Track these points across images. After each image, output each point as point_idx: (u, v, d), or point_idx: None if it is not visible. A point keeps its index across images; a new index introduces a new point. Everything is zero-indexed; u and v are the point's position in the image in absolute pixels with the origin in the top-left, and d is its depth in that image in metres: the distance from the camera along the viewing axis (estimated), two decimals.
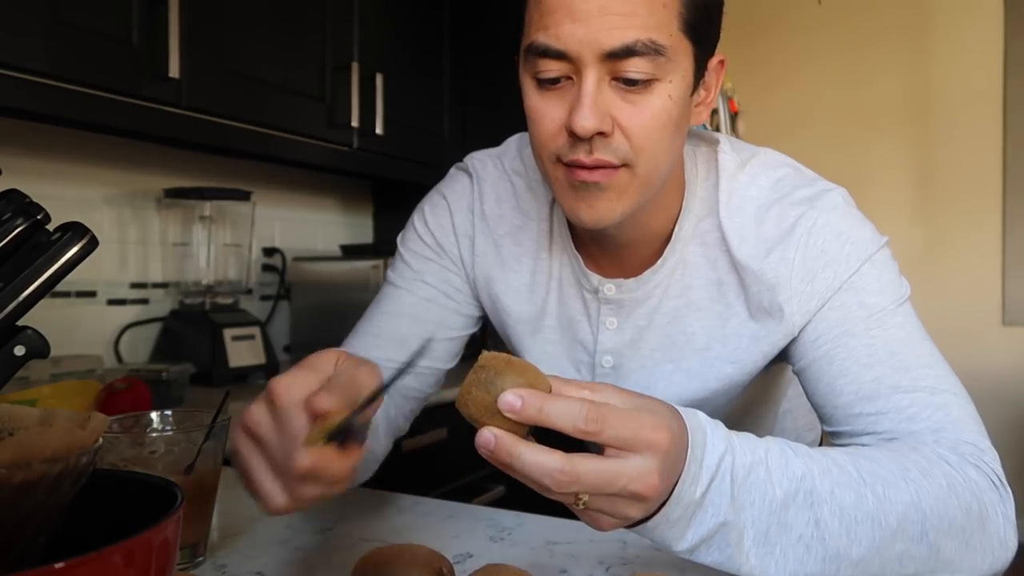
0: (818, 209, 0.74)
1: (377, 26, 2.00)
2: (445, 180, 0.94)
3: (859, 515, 0.57)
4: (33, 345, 0.53)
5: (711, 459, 0.54)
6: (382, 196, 2.57)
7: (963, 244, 3.28)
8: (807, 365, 0.74)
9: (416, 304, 0.89)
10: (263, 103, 1.68)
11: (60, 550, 0.38)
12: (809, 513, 0.56)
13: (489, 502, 1.82)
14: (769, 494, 0.55)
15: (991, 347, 3.21)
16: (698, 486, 0.53)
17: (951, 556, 0.61)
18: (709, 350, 0.80)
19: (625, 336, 0.83)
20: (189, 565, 0.69)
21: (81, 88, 1.32)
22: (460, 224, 0.89)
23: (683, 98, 0.68)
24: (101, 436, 0.43)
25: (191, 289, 1.88)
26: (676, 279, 0.80)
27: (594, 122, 0.65)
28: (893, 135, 3.39)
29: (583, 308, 0.84)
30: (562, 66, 0.66)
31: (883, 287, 0.73)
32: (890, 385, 0.69)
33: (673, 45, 0.65)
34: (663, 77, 0.66)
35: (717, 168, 0.79)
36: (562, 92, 0.67)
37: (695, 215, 0.79)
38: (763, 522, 0.55)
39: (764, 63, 3.51)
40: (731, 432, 0.57)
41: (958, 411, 0.69)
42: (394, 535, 0.77)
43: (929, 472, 0.62)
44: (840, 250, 0.73)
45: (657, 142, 0.68)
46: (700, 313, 0.79)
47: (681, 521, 0.54)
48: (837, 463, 0.59)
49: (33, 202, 0.54)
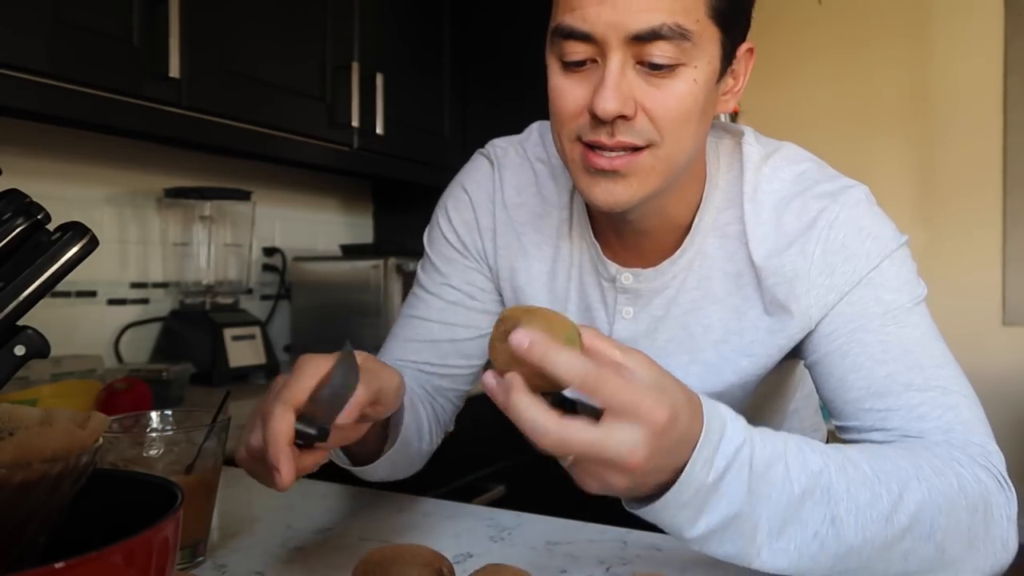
0: (840, 203, 0.74)
1: (377, 26, 2.00)
2: (466, 169, 0.93)
3: (873, 513, 0.57)
4: (33, 345, 0.53)
5: (728, 447, 0.53)
6: (382, 196, 2.58)
7: (963, 243, 3.28)
8: (820, 358, 0.74)
9: (444, 309, 0.91)
10: (263, 103, 1.68)
11: (60, 550, 0.38)
12: (826, 509, 0.56)
13: (489, 502, 1.82)
14: (787, 489, 0.55)
15: (991, 347, 3.21)
16: (711, 471, 0.52)
17: (955, 556, 0.61)
18: (726, 343, 0.79)
19: (641, 326, 0.83)
20: (189, 565, 0.69)
21: (81, 88, 1.32)
22: (482, 218, 0.89)
23: (708, 84, 0.68)
24: (101, 436, 0.43)
25: (191, 289, 1.88)
26: (694, 270, 0.79)
27: (616, 104, 0.65)
28: (893, 134, 3.39)
29: (600, 296, 0.84)
30: (588, 48, 0.66)
31: (901, 285, 0.73)
32: (903, 383, 0.69)
33: (699, 31, 0.65)
34: (688, 62, 0.66)
35: (741, 159, 0.78)
36: (587, 74, 0.68)
37: (715, 207, 0.79)
38: (779, 517, 0.55)
39: (763, 61, 3.49)
40: (751, 426, 0.56)
41: (968, 413, 0.69)
42: (394, 535, 0.77)
43: (941, 471, 0.62)
44: (860, 245, 0.73)
45: (682, 125, 0.68)
46: (717, 305, 0.79)
47: (691, 506, 0.53)
48: (852, 460, 0.59)
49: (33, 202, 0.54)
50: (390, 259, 1.99)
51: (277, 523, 0.81)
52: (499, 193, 0.88)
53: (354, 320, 2.03)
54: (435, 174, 2.15)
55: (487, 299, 0.92)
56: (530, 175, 0.88)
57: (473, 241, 0.90)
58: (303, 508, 0.86)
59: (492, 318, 0.93)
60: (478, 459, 1.87)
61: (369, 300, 2.02)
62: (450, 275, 0.91)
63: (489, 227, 0.89)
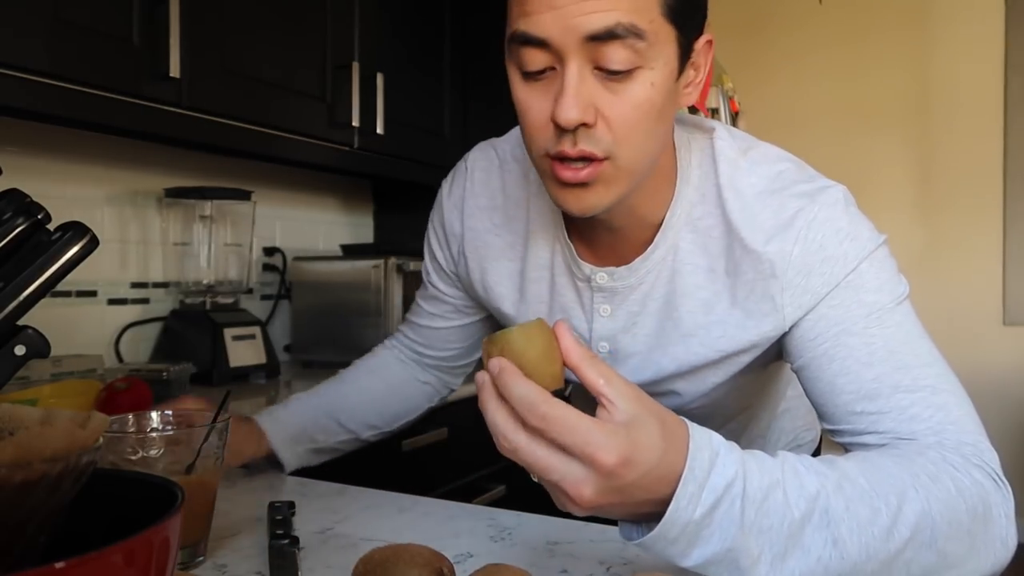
0: (818, 204, 0.74)
1: (377, 25, 2.00)
2: (445, 180, 0.98)
3: (875, 530, 0.57)
4: (34, 344, 0.53)
5: (718, 481, 0.53)
6: (383, 196, 2.58)
7: (963, 243, 3.28)
8: (806, 363, 0.74)
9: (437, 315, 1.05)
10: (264, 103, 1.68)
11: (61, 550, 0.38)
12: (826, 532, 0.56)
13: (490, 502, 1.82)
14: (788, 517, 0.55)
15: (992, 347, 3.21)
16: (698, 507, 0.53)
17: (957, 559, 0.61)
18: (694, 336, 0.80)
19: (619, 322, 0.83)
20: (189, 565, 0.69)
21: (81, 88, 1.31)
22: (453, 223, 0.94)
23: (667, 84, 0.68)
24: (101, 436, 0.43)
25: (192, 289, 1.88)
26: (668, 265, 0.80)
27: (577, 113, 0.65)
28: (893, 132, 3.39)
29: (576, 296, 0.85)
30: (545, 56, 0.66)
31: (881, 285, 0.73)
32: (891, 384, 0.69)
33: (654, 30, 0.65)
34: (645, 64, 0.66)
35: (713, 155, 0.78)
36: (547, 84, 0.68)
37: (688, 202, 0.79)
38: (780, 545, 0.55)
39: (763, 59, 3.51)
40: (745, 454, 0.56)
41: (958, 411, 0.69)
42: (394, 535, 0.77)
43: (937, 477, 0.62)
44: (838, 247, 0.73)
45: (639, 132, 0.68)
46: (687, 299, 0.79)
47: (681, 540, 0.54)
48: (848, 476, 0.59)
49: (34, 202, 0.54)
50: (390, 259, 1.99)
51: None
52: (470, 199, 0.92)
53: (354, 320, 2.03)
54: (436, 174, 2.14)
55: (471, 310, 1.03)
56: (500, 177, 0.90)
57: (445, 249, 0.97)
58: (303, 508, 0.86)
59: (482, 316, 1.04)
60: (479, 459, 1.87)
61: (370, 300, 2.01)
62: (438, 282, 1.01)
63: (457, 233, 0.93)
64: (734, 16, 3.53)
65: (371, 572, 0.59)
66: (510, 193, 0.88)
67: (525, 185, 0.87)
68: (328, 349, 2.08)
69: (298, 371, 2.07)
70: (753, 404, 0.95)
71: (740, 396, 0.88)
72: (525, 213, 0.87)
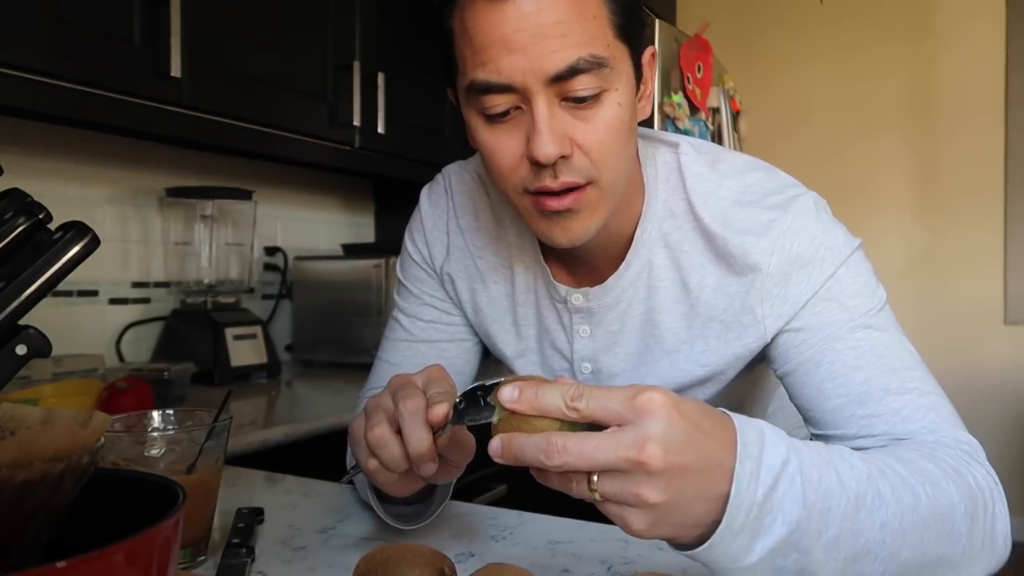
0: (791, 213, 0.73)
1: (379, 25, 2.00)
2: (422, 198, 0.95)
3: (915, 517, 0.56)
4: (35, 344, 0.53)
5: (773, 459, 0.50)
6: (384, 195, 2.58)
7: (965, 243, 3.28)
8: (792, 369, 0.74)
9: (425, 328, 0.94)
10: (265, 102, 1.68)
11: (62, 549, 0.38)
12: (876, 516, 0.54)
13: (491, 501, 1.82)
14: (843, 498, 0.52)
15: (993, 347, 3.20)
16: (759, 486, 0.49)
17: (973, 554, 0.61)
18: (678, 352, 0.80)
19: (599, 342, 0.83)
20: (191, 564, 0.69)
21: (83, 87, 1.32)
22: (437, 242, 0.91)
23: (630, 101, 0.69)
24: (103, 435, 0.43)
25: (193, 288, 1.88)
26: (643, 282, 0.80)
27: (554, 148, 0.65)
28: (895, 134, 3.39)
29: (556, 318, 0.85)
30: (509, 98, 0.66)
31: (860, 289, 0.73)
32: (880, 387, 0.69)
33: (612, 54, 0.66)
34: (610, 87, 0.66)
35: (680, 169, 0.78)
36: (514, 123, 0.68)
37: (658, 217, 0.79)
38: (836, 527, 0.52)
39: (765, 61, 3.51)
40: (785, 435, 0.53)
41: (945, 411, 0.69)
42: (396, 534, 0.77)
43: (958, 471, 0.62)
44: (815, 254, 0.72)
45: (615, 152, 0.69)
46: (666, 315, 0.79)
47: (745, 530, 0.49)
48: (887, 463, 0.58)
49: (35, 201, 0.54)
50: (392, 258, 1.99)
51: (279, 523, 0.81)
52: (453, 221, 0.90)
53: (356, 319, 2.03)
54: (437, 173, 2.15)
55: (461, 312, 0.94)
56: (485, 199, 0.89)
57: (433, 264, 0.92)
58: (305, 508, 0.86)
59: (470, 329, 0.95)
60: (479, 459, 1.87)
61: (371, 299, 2.02)
62: (423, 295, 0.94)
63: (442, 253, 0.91)
64: (738, 21, 3.54)
65: (373, 571, 0.59)
66: (495, 216, 0.88)
67: (507, 209, 0.86)
68: (329, 348, 2.08)
69: (299, 370, 2.07)
70: (744, 404, 0.95)
71: (730, 399, 0.88)
72: (506, 236, 0.87)
